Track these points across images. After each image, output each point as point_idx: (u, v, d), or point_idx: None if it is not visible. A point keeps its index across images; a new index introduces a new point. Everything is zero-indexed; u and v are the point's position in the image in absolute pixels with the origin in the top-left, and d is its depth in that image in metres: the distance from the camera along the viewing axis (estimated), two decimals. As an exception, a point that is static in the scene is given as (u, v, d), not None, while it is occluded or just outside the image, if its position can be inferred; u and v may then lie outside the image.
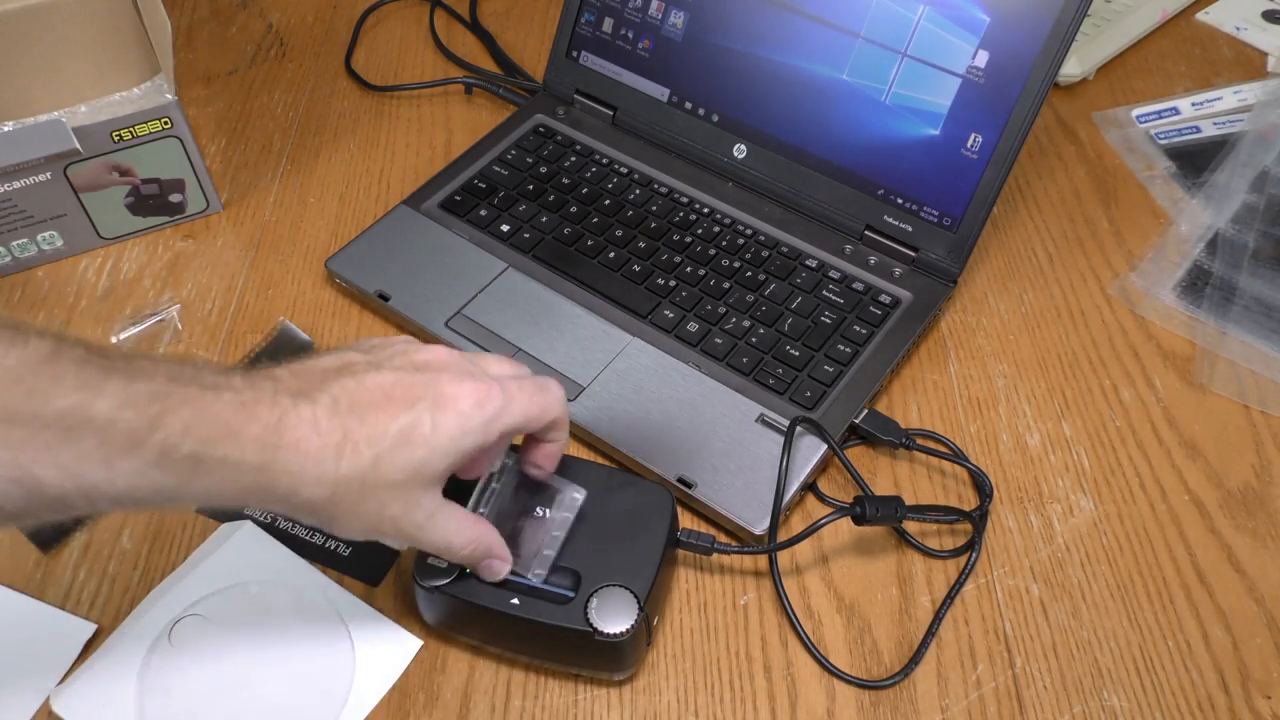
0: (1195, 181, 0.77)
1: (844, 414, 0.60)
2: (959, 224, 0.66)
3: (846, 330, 0.64)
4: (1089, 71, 0.86)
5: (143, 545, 0.56)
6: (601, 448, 0.59)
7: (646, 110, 0.76)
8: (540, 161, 0.75)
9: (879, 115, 0.67)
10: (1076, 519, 0.58)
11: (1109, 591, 0.55)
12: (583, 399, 0.60)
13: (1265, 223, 0.73)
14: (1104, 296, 0.70)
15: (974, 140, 0.65)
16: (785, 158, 0.71)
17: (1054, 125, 0.83)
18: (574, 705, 0.50)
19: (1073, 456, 0.61)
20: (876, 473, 0.60)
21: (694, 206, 0.72)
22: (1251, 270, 0.70)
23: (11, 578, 0.54)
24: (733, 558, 0.56)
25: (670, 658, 0.52)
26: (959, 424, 0.62)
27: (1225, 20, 0.92)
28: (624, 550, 0.49)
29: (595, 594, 0.47)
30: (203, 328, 0.67)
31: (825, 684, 0.51)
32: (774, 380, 0.61)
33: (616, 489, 0.52)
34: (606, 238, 0.69)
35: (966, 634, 0.53)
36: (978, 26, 0.63)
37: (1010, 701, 0.51)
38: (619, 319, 0.65)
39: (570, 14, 0.78)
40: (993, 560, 0.56)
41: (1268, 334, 0.66)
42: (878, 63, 0.66)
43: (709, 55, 0.72)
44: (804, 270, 0.67)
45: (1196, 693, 0.51)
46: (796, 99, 0.70)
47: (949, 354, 0.67)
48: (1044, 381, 0.65)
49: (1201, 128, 0.82)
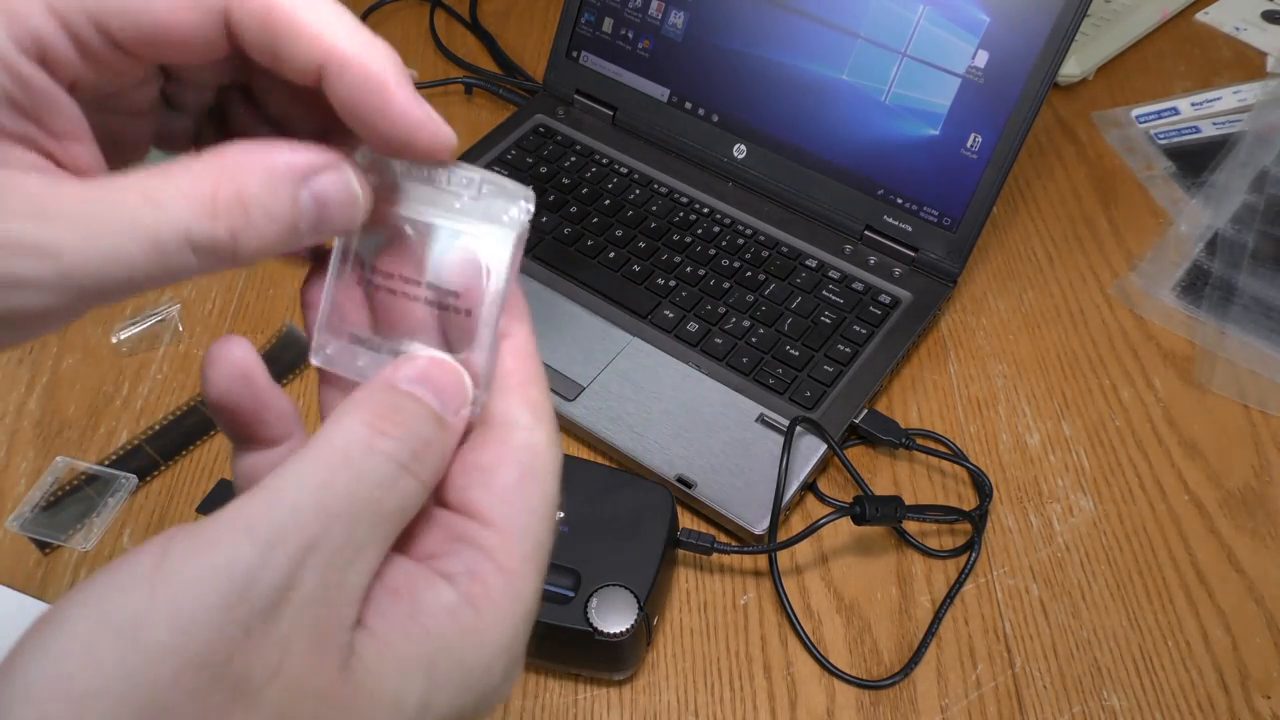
0: (1195, 181, 0.77)
1: (844, 414, 0.60)
2: (959, 224, 0.66)
3: (846, 330, 0.64)
4: (1089, 71, 0.86)
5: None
6: (601, 448, 0.59)
7: (646, 110, 0.76)
8: (540, 162, 0.75)
9: (879, 115, 0.67)
10: (1076, 519, 0.58)
11: (1109, 591, 0.55)
12: (583, 399, 0.60)
13: (1265, 223, 0.73)
14: (1104, 296, 0.70)
15: (974, 140, 0.65)
16: (785, 158, 0.71)
17: (1054, 125, 0.83)
18: (574, 705, 0.50)
19: (1072, 456, 0.61)
20: (876, 473, 0.60)
21: (694, 206, 0.72)
22: (1251, 270, 0.70)
23: (11, 578, 0.54)
24: (732, 557, 0.56)
25: (670, 658, 0.52)
26: (959, 424, 0.62)
27: (1225, 20, 0.92)
28: (624, 550, 0.49)
29: (595, 594, 0.47)
30: (203, 327, 0.67)
31: (825, 684, 0.51)
32: (774, 380, 0.61)
33: (616, 489, 0.52)
34: (607, 238, 0.70)
35: (966, 634, 0.53)
36: (978, 27, 0.63)
37: (1010, 701, 0.51)
38: (619, 319, 0.65)
39: (570, 14, 0.78)
40: (992, 560, 0.56)
41: (1267, 334, 0.66)
42: (877, 63, 0.67)
43: (709, 55, 0.72)
44: (804, 270, 0.67)
45: (1196, 692, 0.51)
46: (796, 99, 0.70)
47: (949, 354, 0.67)
48: (1044, 381, 0.65)
49: (1201, 128, 0.82)
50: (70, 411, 0.62)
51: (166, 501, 0.58)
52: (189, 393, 0.63)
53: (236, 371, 0.25)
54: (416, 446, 0.23)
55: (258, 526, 0.20)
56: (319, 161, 0.23)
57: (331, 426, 0.23)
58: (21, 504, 0.57)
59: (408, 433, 0.23)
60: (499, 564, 0.24)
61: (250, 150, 0.22)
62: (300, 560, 0.20)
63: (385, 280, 0.26)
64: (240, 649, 0.19)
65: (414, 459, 0.23)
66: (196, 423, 0.61)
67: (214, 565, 0.20)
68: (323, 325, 0.27)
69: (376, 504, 0.22)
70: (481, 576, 0.23)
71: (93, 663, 0.19)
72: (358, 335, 0.27)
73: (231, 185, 0.22)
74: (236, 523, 0.20)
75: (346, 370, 0.27)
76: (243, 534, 0.20)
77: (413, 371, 0.25)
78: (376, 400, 0.23)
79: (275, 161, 0.23)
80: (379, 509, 0.22)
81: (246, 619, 0.19)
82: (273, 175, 0.22)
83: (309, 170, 0.23)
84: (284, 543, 0.20)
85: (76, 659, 0.19)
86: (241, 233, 0.22)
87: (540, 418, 0.26)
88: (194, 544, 0.20)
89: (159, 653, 0.19)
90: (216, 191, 0.22)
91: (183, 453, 0.60)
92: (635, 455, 0.58)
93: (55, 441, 0.60)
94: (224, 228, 0.22)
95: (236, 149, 0.22)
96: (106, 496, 0.57)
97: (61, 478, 0.58)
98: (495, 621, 0.23)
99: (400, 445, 0.23)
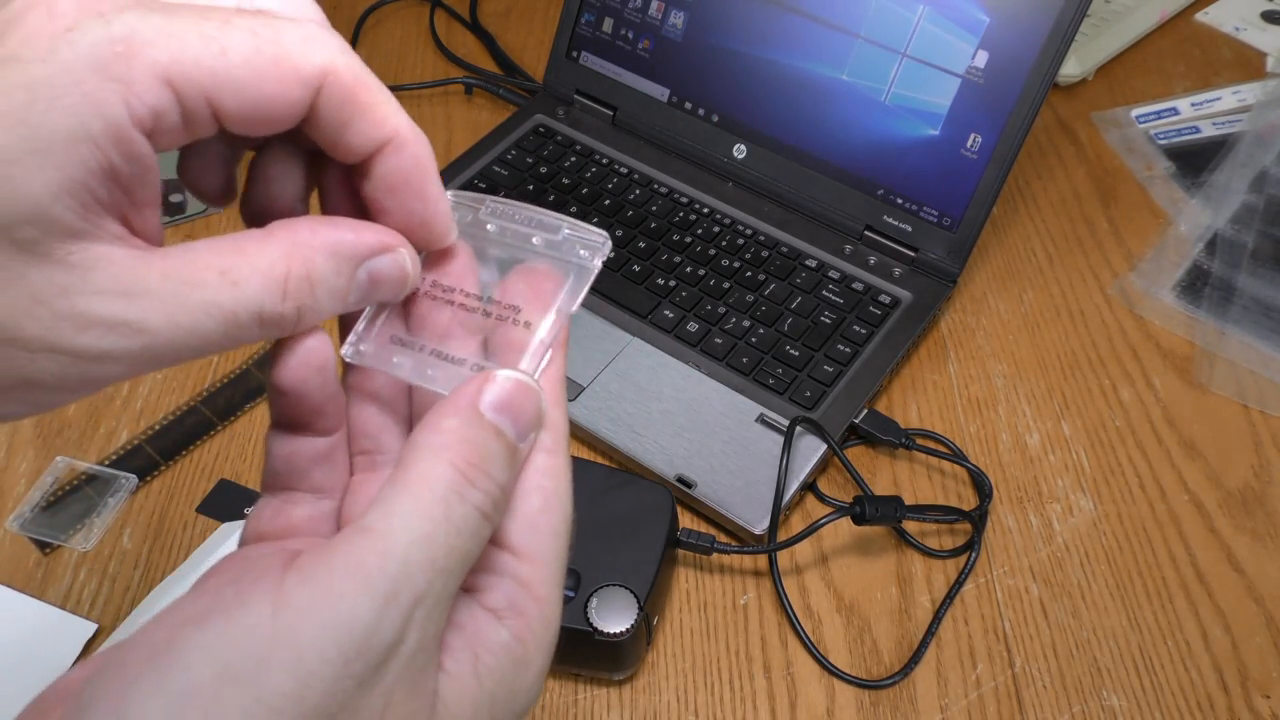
0: (1195, 182, 0.77)
1: (844, 414, 0.60)
2: (959, 224, 0.66)
3: (846, 330, 0.64)
4: (1088, 72, 0.86)
5: (143, 545, 0.56)
6: (601, 448, 0.60)
7: (646, 110, 0.76)
8: (540, 162, 0.75)
9: (879, 115, 0.67)
10: (1076, 519, 0.58)
11: (1108, 591, 0.55)
12: (583, 399, 0.60)
13: (1264, 223, 0.73)
14: (1103, 296, 0.70)
15: (973, 140, 0.65)
16: (785, 158, 0.71)
17: (1054, 125, 0.83)
18: (574, 705, 0.50)
19: (1072, 456, 0.61)
20: (876, 473, 0.60)
21: (694, 206, 0.72)
22: (1251, 270, 0.70)
23: (11, 578, 0.54)
24: (732, 557, 0.56)
25: (670, 657, 0.52)
26: (959, 424, 0.62)
27: (1224, 20, 0.92)
28: (624, 550, 0.49)
29: (595, 593, 0.47)
30: (203, 328, 0.67)
31: (825, 684, 0.51)
32: (774, 380, 0.61)
33: (616, 489, 0.52)
34: (606, 238, 0.69)
35: (966, 634, 0.53)
36: (977, 27, 0.63)
37: (1010, 701, 0.51)
38: (619, 319, 0.65)
39: (570, 14, 0.78)
40: (992, 560, 0.56)
41: (1267, 334, 0.67)
42: (877, 63, 0.67)
43: (709, 55, 0.72)
44: (804, 270, 0.68)
45: (1196, 692, 0.51)
46: (796, 99, 0.70)
47: (949, 354, 0.67)
48: (1043, 381, 0.65)
49: (1201, 128, 0.82)
50: (70, 411, 0.62)
51: (166, 501, 0.58)
52: (189, 393, 0.63)
53: (315, 362, 0.25)
54: (498, 496, 0.24)
55: (375, 580, 0.21)
56: (381, 243, 0.25)
57: (426, 464, 0.23)
58: (21, 504, 0.57)
59: (493, 483, 0.23)
60: (534, 595, 0.25)
61: (318, 230, 0.24)
62: (410, 616, 0.21)
63: (444, 293, 0.27)
64: (352, 698, 0.20)
65: (494, 508, 0.24)
66: (196, 423, 0.61)
67: (336, 618, 0.20)
68: (362, 329, 0.27)
69: (467, 555, 0.23)
70: (523, 610, 0.25)
71: (218, 707, 0.19)
72: (397, 336, 0.27)
73: (303, 266, 0.23)
74: (353, 571, 0.21)
75: (382, 366, 0.27)
76: (362, 587, 0.21)
77: (496, 397, 0.24)
78: (466, 438, 0.23)
79: (342, 242, 0.24)
80: (467, 560, 0.23)
81: (362, 673, 0.20)
82: (338, 255, 0.24)
83: (371, 252, 0.25)
84: (398, 600, 0.21)
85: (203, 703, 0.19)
86: (306, 310, 0.24)
87: (559, 442, 0.26)
88: (314, 590, 0.20)
89: (281, 703, 0.19)
90: (289, 272, 0.23)
91: (183, 453, 0.60)
92: (635, 455, 0.58)
93: (55, 441, 0.60)
94: (292, 306, 0.23)
95: (305, 228, 0.24)
96: (106, 496, 0.57)
97: (61, 478, 0.58)
98: (537, 651, 0.25)
99: (486, 497, 0.23)
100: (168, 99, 0.21)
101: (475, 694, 0.23)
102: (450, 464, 0.23)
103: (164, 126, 0.21)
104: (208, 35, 0.21)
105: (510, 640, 0.24)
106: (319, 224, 0.24)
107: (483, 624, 0.24)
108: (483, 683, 0.23)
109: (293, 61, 0.22)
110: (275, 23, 0.22)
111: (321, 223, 0.24)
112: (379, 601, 0.20)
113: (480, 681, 0.23)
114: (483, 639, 0.24)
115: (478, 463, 0.23)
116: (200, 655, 0.20)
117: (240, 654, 0.20)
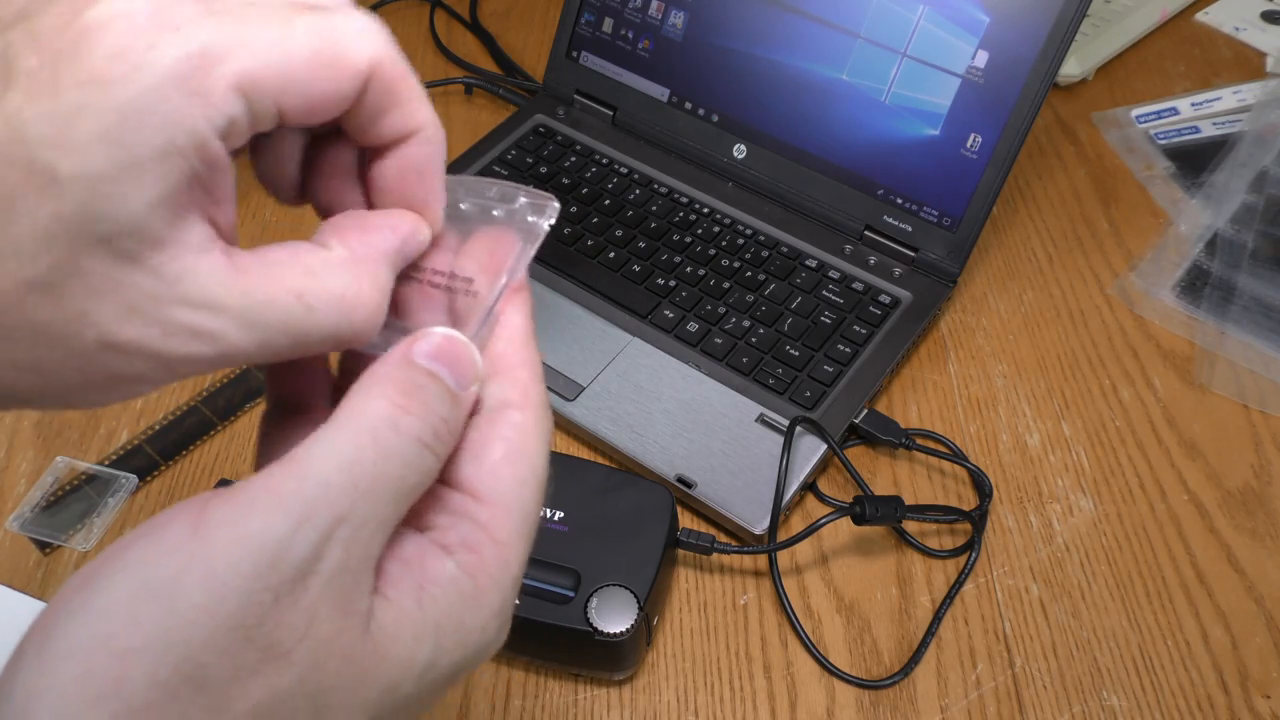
0: (1194, 181, 0.77)
1: (844, 414, 0.60)
2: (959, 224, 0.66)
3: (846, 330, 0.64)
4: (1088, 72, 0.86)
5: (143, 545, 0.56)
6: (601, 448, 0.60)
7: (646, 110, 0.76)
8: (540, 162, 0.75)
9: (879, 115, 0.67)
10: (1076, 519, 0.58)
11: (1108, 591, 0.55)
12: (583, 399, 0.60)
13: (1264, 223, 0.73)
14: (1103, 296, 0.70)
15: (974, 140, 0.65)
16: (785, 158, 0.71)
17: (1054, 125, 0.83)
18: (574, 705, 0.50)
19: (1072, 456, 0.61)
20: (876, 473, 0.60)
21: (694, 206, 0.72)
22: (1250, 270, 0.70)
23: (11, 578, 0.54)
24: (732, 557, 0.56)
25: (670, 657, 0.52)
26: (959, 424, 0.63)
27: (1224, 20, 0.92)
28: (624, 550, 0.49)
29: (595, 594, 0.47)
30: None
31: (825, 684, 0.51)
32: (774, 380, 0.61)
33: (616, 489, 0.52)
34: (606, 238, 0.70)
35: (966, 634, 0.53)
36: (977, 27, 0.63)
37: (1010, 701, 0.51)
38: (619, 319, 0.65)
39: (570, 14, 0.78)
40: (992, 560, 0.56)
41: (1267, 334, 0.67)
42: (877, 63, 0.67)
43: (709, 55, 0.72)
44: (804, 270, 0.68)
45: (1196, 692, 0.51)
46: (796, 99, 0.70)
47: (949, 354, 0.67)
48: (1044, 381, 0.65)
49: (1201, 128, 0.82)
50: (71, 412, 0.62)
51: (166, 501, 0.58)
52: (189, 393, 0.63)
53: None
54: (436, 424, 0.24)
55: (290, 500, 0.21)
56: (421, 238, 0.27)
57: (357, 401, 0.24)
58: (21, 504, 0.57)
59: (429, 411, 0.24)
60: (491, 537, 0.25)
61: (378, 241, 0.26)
62: (328, 535, 0.22)
63: (417, 272, 0.28)
64: (270, 613, 0.21)
65: (434, 437, 0.24)
66: (196, 423, 0.61)
67: (248, 534, 0.21)
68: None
69: (400, 481, 0.23)
70: (476, 549, 0.25)
71: (133, 623, 0.20)
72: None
73: (372, 286, 0.25)
74: (270, 493, 0.22)
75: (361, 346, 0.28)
76: (276, 506, 0.21)
77: (429, 347, 0.25)
78: (398, 377, 0.24)
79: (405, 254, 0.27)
80: (401, 486, 0.23)
81: (276, 586, 0.21)
82: (399, 264, 0.27)
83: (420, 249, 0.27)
84: (314, 517, 0.21)
85: (119, 619, 0.20)
86: (367, 332, 0.25)
87: (528, 398, 0.27)
88: (229, 512, 0.21)
89: (194, 615, 0.20)
90: (360, 294, 0.25)
91: (183, 453, 0.60)
92: (635, 455, 0.58)
93: (55, 441, 0.60)
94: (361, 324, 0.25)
95: (373, 241, 0.26)
96: (106, 496, 0.57)
97: (61, 478, 0.58)
98: (489, 588, 0.25)
99: (423, 424, 0.24)
100: (241, 106, 0.22)
101: (417, 621, 0.24)
102: (382, 396, 0.24)
103: (237, 130, 0.23)
104: (274, 41, 0.23)
105: (457, 573, 0.25)
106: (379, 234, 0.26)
107: (430, 557, 0.25)
108: (426, 612, 0.24)
109: (350, 58, 0.24)
110: (331, 18, 0.24)
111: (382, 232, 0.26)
112: (293, 518, 0.21)
113: (424, 610, 0.24)
114: (429, 570, 0.24)
115: (412, 393, 0.24)
116: (121, 576, 0.21)
117: (156, 571, 0.21)
